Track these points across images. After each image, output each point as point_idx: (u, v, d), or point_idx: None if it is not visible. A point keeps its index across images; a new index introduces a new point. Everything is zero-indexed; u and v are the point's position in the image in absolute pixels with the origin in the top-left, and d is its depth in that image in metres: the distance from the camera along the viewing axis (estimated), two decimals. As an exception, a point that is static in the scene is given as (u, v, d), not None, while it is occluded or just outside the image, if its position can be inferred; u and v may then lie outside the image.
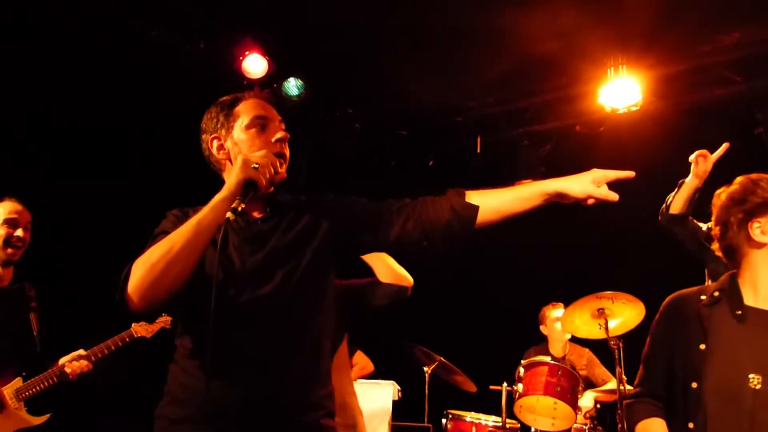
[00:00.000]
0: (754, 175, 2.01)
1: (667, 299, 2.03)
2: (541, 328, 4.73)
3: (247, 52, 4.81)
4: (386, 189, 5.87)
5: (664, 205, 3.53)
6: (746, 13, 4.26)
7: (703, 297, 1.94)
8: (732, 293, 1.92)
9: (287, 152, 1.78)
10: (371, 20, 4.41)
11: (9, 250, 3.01)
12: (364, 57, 4.75)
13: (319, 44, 4.67)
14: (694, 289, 2.01)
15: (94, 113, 4.30)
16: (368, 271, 2.74)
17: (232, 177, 1.63)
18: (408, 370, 4.54)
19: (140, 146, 4.52)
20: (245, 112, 1.79)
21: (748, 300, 1.90)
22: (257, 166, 1.62)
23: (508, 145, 5.60)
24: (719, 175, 3.49)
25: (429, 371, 4.49)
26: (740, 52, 4.56)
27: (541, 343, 4.75)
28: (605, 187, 1.66)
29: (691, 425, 1.81)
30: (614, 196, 1.65)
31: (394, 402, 4.09)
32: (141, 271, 1.55)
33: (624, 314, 3.94)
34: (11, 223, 3.02)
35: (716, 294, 1.93)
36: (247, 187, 1.61)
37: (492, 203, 1.72)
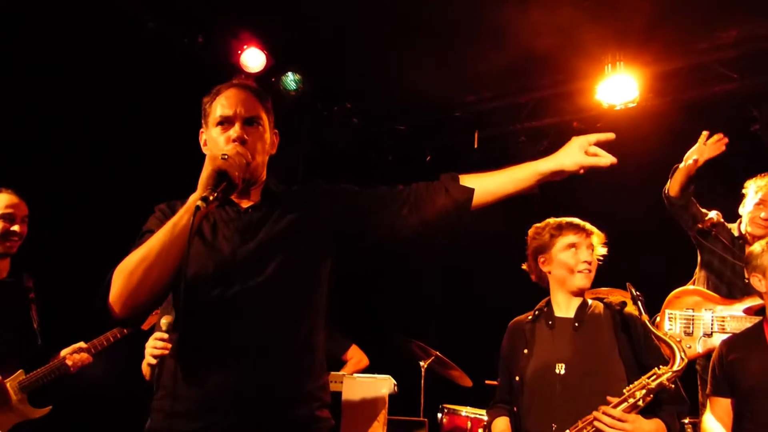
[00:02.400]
0: (539, 224, 2.63)
1: (509, 325, 2.64)
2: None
3: (245, 46, 4.80)
4: (384, 183, 5.86)
5: (667, 185, 3.59)
6: (743, 10, 4.27)
7: (530, 318, 2.56)
8: (546, 310, 2.54)
9: (242, 150, 1.68)
10: (370, 14, 4.40)
11: (6, 243, 3.01)
12: (362, 51, 4.74)
13: (317, 38, 4.66)
14: (526, 314, 2.60)
15: (91, 106, 4.29)
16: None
17: (203, 172, 1.58)
18: (404, 364, 4.56)
19: (138, 139, 4.50)
20: (215, 108, 1.76)
21: (558, 312, 2.51)
22: (226, 156, 1.58)
23: (505, 140, 5.61)
24: (716, 172, 3.53)
25: (425, 366, 4.50)
26: (737, 50, 4.57)
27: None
28: (595, 150, 1.65)
29: (515, 409, 2.43)
30: (608, 160, 1.63)
31: (389, 396, 4.10)
32: (120, 279, 1.54)
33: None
34: (8, 218, 3.01)
35: (536, 313, 2.55)
36: (219, 179, 1.55)
37: (487, 186, 1.73)
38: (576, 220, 2.54)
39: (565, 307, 2.50)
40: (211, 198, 1.51)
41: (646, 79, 4.78)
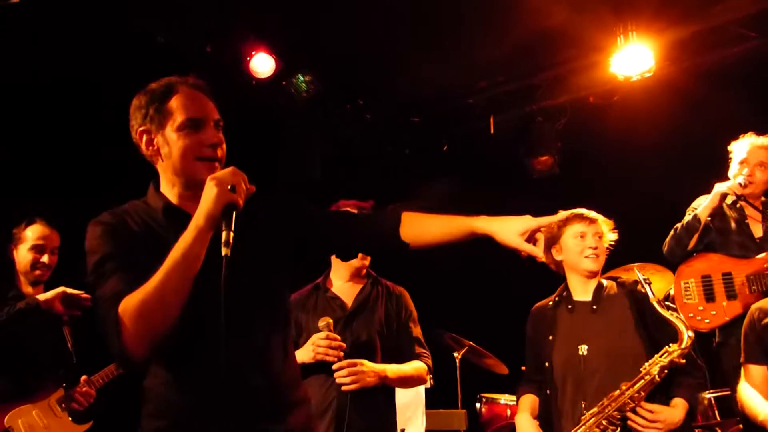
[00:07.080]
0: None
1: (531, 310, 2.81)
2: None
3: (253, 52, 4.81)
4: (402, 177, 5.84)
5: (674, 237, 3.42)
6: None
7: (551, 303, 2.74)
8: (565, 294, 2.71)
9: (221, 154, 1.67)
10: (375, 8, 4.37)
11: (36, 273, 3.17)
12: (370, 46, 4.71)
13: (324, 37, 4.65)
14: (546, 299, 2.77)
15: (111, 123, 4.34)
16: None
17: (208, 203, 1.48)
18: (438, 356, 4.54)
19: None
20: (178, 110, 1.66)
21: (576, 296, 2.68)
22: (233, 187, 1.49)
23: (521, 122, 5.54)
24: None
25: (459, 356, 4.48)
26: (755, 7, 4.43)
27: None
28: (531, 249, 1.65)
29: (548, 392, 2.60)
30: (539, 256, 1.65)
31: (426, 390, 4.09)
32: (137, 321, 1.46)
33: (654, 284, 3.88)
34: (38, 249, 3.16)
35: (556, 299, 2.73)
36: (228, 212, 1.48)
37: (421, 222, 1.76)
38: (581, 211, 2.71)
39: (581, 290, 2.68)
40: (231, 242, 1.45)
41: (661, 46, 4.66)
